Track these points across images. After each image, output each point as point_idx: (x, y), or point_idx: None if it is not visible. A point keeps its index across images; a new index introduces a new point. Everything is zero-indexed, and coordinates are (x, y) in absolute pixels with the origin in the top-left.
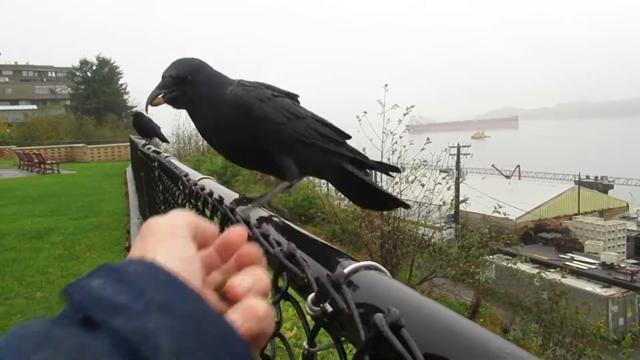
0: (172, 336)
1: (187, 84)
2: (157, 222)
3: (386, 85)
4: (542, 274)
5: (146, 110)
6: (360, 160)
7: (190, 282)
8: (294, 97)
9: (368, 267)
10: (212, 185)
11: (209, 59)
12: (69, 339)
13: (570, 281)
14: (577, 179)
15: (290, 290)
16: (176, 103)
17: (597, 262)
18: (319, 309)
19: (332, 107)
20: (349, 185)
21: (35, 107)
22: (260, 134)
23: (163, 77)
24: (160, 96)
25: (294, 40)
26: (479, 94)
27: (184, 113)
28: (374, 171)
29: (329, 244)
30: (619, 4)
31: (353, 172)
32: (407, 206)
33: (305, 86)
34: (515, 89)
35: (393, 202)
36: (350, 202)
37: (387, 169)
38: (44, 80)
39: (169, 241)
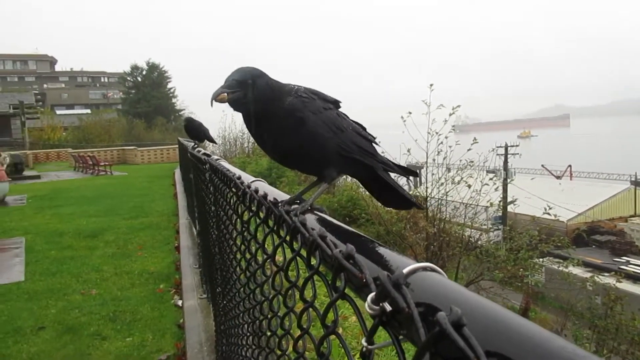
0: None
1: (249, 87)
2: None
3: (431, 85)
4: (596, 277)
5: (211, 104)
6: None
7: None
8: (337, 105)
9: (425, 269)
10: (265, 187)
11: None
12: None
13: (626, 286)
14: (633, 179)
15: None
16: (236, 104)
17: None
18: (378, 308)
19: (371, 105)
20: (376, 187)
21: (89, 111)
22: (308, 143)
23: (227, 80)
24: (224, 94)
25: (326, 39)
26: (528, 92)
27: (229, 116)
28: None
29: (385, 245)
30: None
31: (383, 178)
32: (421, 207)
33: (339, 87)
34: (567, 86)
35: (412, 203)
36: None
37: (407, 173)
38: (97, 85)
39: None
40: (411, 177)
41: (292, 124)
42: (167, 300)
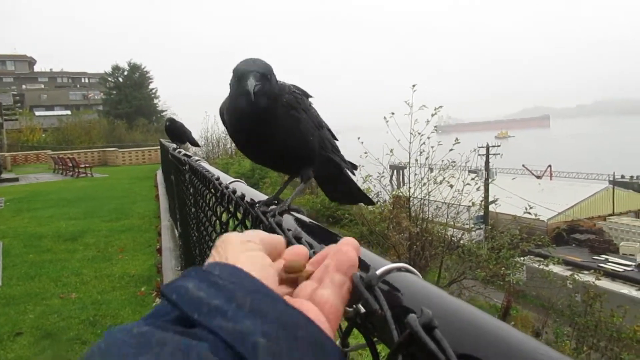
0: (267, 338)
1: (267, 83)
2: (233, 236)
3: (414, 85)
4: (575, 276)
5: (252, 97)
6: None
7: (272, 288)
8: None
9: (399, 269)
10: (243, 188)
11: (228, 64)
12: (170, 342)
13: (605, 283)
14: (611, 178)
15: None
16: (259, 98)
17: (633, 264)
18: (351, 309)
19: (357, 108)
20: (336, 183)
21: (69, 112)
22: (299, 143)
23: (249, 71)
24: (257, 87)
25: (318, 41)
26: (510, 93)
27: (211, 117)
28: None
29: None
30: None
31: (346, 175)
32: (372, 202)
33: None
34: (548, 87)
35: (367, 198)
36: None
37: (353, 167)
38: (78, 86)
39: (248, 252)
40: (394, 177)
41: (288, 123)
42: (149, 303)
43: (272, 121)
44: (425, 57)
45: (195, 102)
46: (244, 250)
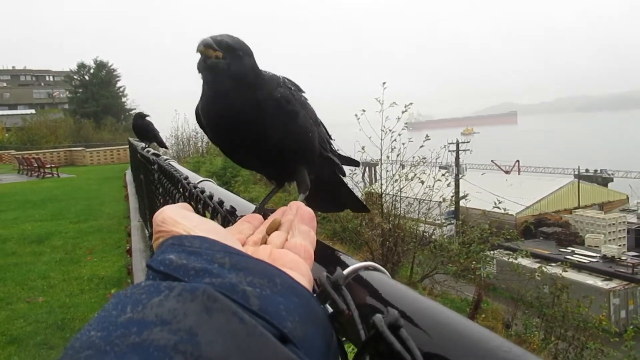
0: (252, 287)
1: (235, 61)
2: (169, 210)
3: (384, 83)
4: (543, 268)
5: (197, 49)
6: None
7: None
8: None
9: (367, 268)
10: (212, 187)
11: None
12: (177, 286)
13: (571, 275)
14: (576, 172)
15: None
16: (214, 74)
17: (598, 255)
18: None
19: (326, 104)
20: (328, 189)
21: (33, 111)
22: (297, 141)
23: (215, 38)
24: (217, 52)
25: (288, 40)
26: (477, 90)
27: (181, 115)
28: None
29: (327, 244)
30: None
31: (341, 177)
32: (367, 210)
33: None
34: (513, 84)
35: (360, 205)
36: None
37: (349, 162)
38: (42, 84)
39: (196, 220)
40: (366, 174)
41: (283, 118)
42: None
43: (263, 118)
44: (395, 54)
45: (167, 101)
46: (190, 219)
